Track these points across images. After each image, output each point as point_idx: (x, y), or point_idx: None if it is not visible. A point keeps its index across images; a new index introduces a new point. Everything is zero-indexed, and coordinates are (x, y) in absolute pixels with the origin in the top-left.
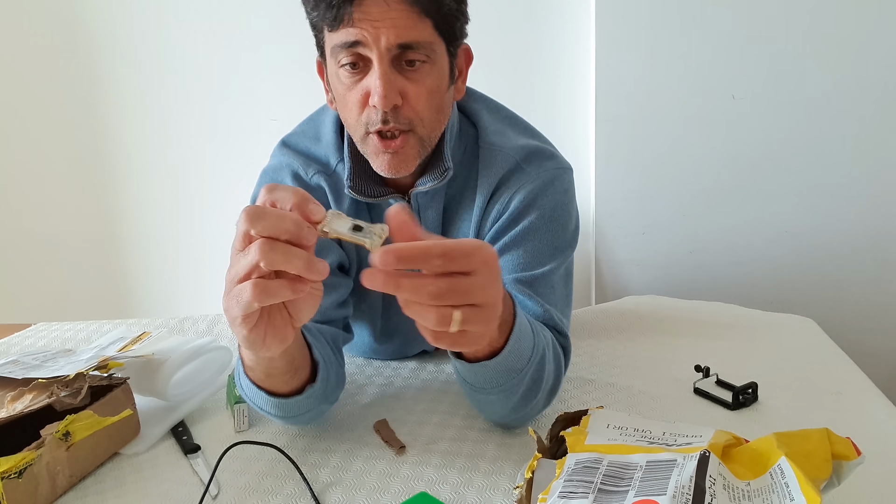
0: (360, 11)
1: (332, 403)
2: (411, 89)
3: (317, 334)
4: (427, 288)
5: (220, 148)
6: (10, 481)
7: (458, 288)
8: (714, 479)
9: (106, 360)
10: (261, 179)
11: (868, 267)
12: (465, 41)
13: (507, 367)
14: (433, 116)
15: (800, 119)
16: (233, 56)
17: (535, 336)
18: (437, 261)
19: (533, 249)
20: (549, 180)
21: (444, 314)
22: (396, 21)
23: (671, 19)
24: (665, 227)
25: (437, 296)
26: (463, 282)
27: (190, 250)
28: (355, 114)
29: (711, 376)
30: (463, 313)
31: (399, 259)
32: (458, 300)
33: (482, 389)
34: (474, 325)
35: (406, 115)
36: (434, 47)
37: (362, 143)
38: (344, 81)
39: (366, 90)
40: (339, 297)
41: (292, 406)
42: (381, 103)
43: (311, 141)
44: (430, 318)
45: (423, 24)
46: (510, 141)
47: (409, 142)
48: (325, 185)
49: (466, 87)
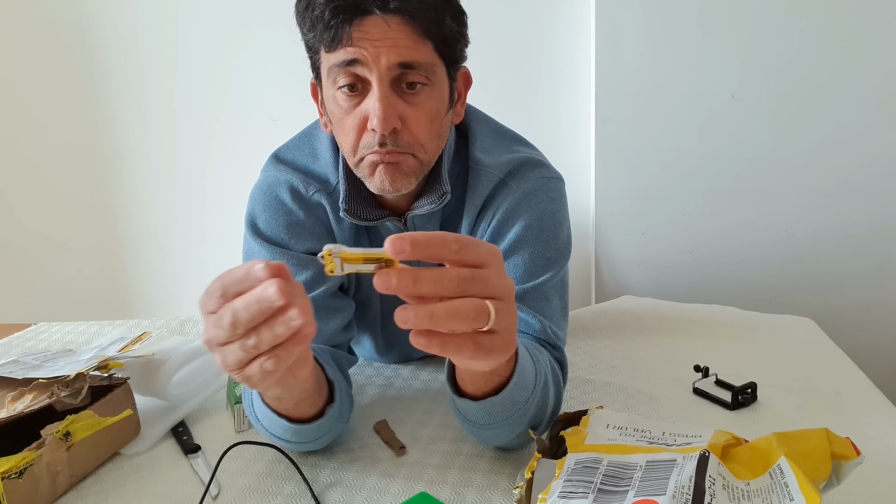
0: (360, 31)
1: (346, 423)
2: (411, 114)
3: (325, 356)
4: (449, 275)
5: (221, 148)
6: (11, 481)
7: (478, 276)
8: (714, 479)
9: (106, 361)
10: (254, 197)
11: (868, 267)
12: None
13: (513, 399)
14: (433, 142)
15: (800, 119)
16: (234, 56)
17: (535, 362)
18: (454, 244)
19: (524, 262)
20: (532, 190)
21: (480, 305)
22: (397, 41)
23: (671, 19)
24: (665, 227)
25: (462, 281)
26: (480, 272)
27: (191, 251)
28: (352, 139)
29: (711, 376)
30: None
31: (413, 243)
32: (480, 290)
33: (488, 425)
34: (502, 320)
35: (405, 140)
36: (435, 69)
37: (358, 167)
38: (341, 105)
39: (364, 114)
40: (344, 320)
41: (312, 431)
42: (379, 126)
43: (307, 158)
44: (467, 315)
45: (424, 45)
46: (496, 157)
47: (408, 160)
48: (325, 204)
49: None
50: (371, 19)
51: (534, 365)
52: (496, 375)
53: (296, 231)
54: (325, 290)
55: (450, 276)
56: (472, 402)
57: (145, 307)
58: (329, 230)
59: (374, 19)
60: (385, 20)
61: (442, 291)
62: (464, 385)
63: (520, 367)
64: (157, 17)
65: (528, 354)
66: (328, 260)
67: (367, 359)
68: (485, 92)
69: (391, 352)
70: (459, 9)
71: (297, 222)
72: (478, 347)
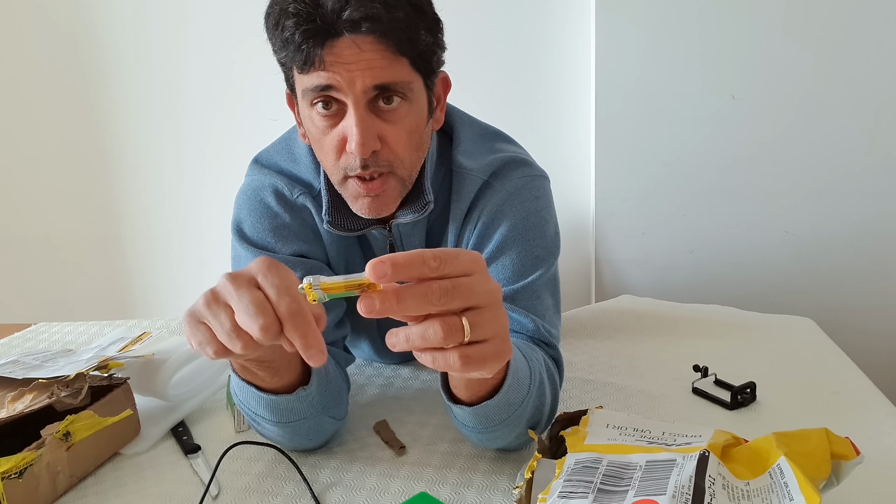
0: (332, 54)
1: (336, 419)
2: (390, 132)
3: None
4: (432, 287)
5: (222, 148)
6: (11, 481)
7: (461, 286)
8: (713, 478)
9: (106, 361)
10: (240, 202)
11: (868, 267)
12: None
13: (509, 401)
14: (413, 156)
15: (800, 119)
16: (234, 56)
17: (529, 361)
18: (433, 261)
19: (513, 262)
20: (516, 189)
21: (451, 323)
22: (371, 62)
23: (671, 19)
24: (665, 227)
25: (444, 294)
26: (464, 281)
27: (191, 251)
28: (332, 158)
29: (710, 376)
30: (469, 317)
31: (394, 265)
32: (465, 299)
33: (486, 429)
34: (487, 328)
35: (385, 158)
36: (412, 85)
37: (341, 186)
38: (318, 125)
39: (342, 135)
40: (334, 319)
41: (285, 409)
42: (358, 151)
43: (288, 161)
44: (437, 335)
45: (399, 63)
46: (479, 160)
47: (390, 183)
48: (310, 206)
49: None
50: (343, 41)
51: (528, 365)
52: (489, 379)
53: (282, 234)
54: None
55: (432, 290)
56: (467, 408)
57: (145, 307)
58: (315, 231)
59: (346, 41)
60: (356, 42)
61: (427, 306)
62: (458, 392)
63: (513, 368)
64: (158, 16)
65: (520, 354)
66: (309, 292)
67: (367, 360)
68: (485, 92)
69: (390, 352)
70: (434, 17)
71: (283, 225)
72: (467, 359)
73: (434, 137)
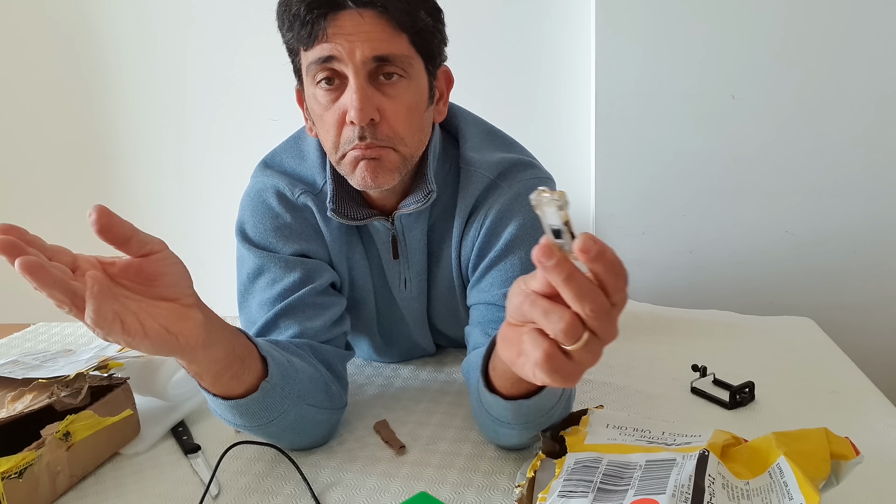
0: (334, 26)
1: (318, 407)
2: (389, 105)
3: (305, 349)
4: (598, 297)
5: (222, 148)
6: (11, 481)
7: (611, 315)
8: (713, 478)
9: (106, 360)
10: (243, 204)
11: (868, 267)
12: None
13: (540, 406)
14: (413, 135)
15: (800, 119)
16: (234, 56)
17: None
18: (620, 282)
19: (521, 261)
20: (525, 191)
21: (578, 328)
22: (371, 34)
23: (671, 20)
24: (665, 227)
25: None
26: (614, 313)
27: (190, 251)
28: (333, 134)
29: (708, 375)
30: (590, 336)
31: (600, 253)
32: (601, 326)
33: (507, 424)
34: (587, 354)
35: (384, 133)
36: (411, 62)
37: (340, 164)
38: (321, 101)
39: (343, 109)
40: (332, 317)
41: (254, 410)
42: (357, 117)
43: (295, 160)
44: (565, 320)
45: (399, 37)
46: (487, 157)
47: (389, 154)
48: (312, 206)
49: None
50: (345, 14)
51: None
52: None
53: (283, 234)
54: (312, 288)
55: (596, 300)
56: (501, 399)
57: None
58: (317, 231)
59: (349, 13)
60: (359, 13)
61: (580, 302)
62: (494, 377)
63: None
64: (158, 16)
65: None
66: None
67: (367, 359)
68: (485, 92)
69: (390, 350)
70: (435, 6)
71: (284, 225)
72: (547, 359)
73: (438, 133)
